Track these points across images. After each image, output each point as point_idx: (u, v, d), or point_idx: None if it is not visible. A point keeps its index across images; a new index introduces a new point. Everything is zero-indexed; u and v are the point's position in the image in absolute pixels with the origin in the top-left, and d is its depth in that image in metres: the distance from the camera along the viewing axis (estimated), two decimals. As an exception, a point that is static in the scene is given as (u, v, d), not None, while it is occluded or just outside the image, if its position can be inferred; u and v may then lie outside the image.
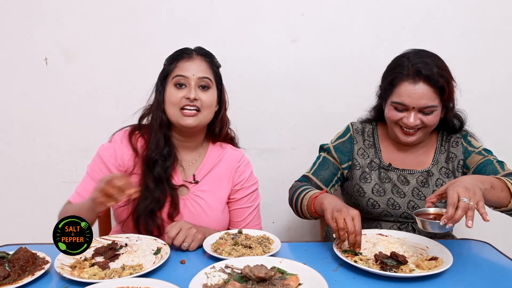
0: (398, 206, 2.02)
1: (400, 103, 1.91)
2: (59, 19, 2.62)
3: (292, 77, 2.71)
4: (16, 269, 1.46)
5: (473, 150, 2.04)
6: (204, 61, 1.98)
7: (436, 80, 1.85)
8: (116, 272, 1.49)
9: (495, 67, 2.68)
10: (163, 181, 1.94)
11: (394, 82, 1.94)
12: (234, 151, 2.16)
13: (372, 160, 2.12)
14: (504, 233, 2.83)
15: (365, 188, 2.06)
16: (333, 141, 2.19)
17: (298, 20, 2.65)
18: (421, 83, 1.87)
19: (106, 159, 1.97)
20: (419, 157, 2.11)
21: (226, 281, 1.40)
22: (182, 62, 1.95)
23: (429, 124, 1.93)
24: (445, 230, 1.54)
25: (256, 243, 1.73)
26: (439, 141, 2.12)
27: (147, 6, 2.62)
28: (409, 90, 1.88)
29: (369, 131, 2.19)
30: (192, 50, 2.00)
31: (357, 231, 1.61)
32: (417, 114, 1.91)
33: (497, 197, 1.67)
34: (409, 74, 1.89)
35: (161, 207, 1.94)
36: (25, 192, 2.79)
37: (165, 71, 1.99)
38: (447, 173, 2.05)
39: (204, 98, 1.92)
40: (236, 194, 2.12)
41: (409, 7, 2.63)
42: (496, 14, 2.63)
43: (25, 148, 2.76)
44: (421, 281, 1.48)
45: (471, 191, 1.50)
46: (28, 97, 2.70)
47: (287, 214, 2.88)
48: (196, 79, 1.92)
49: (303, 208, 1.97)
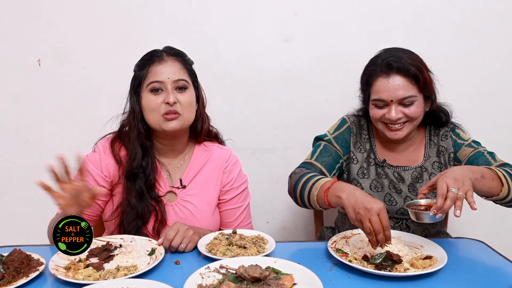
0: (395, 202, 2.03)
1: (379, 99, 1.93)
2: (52, 21, 2.62)
3: (285, 77, 2.71)
4: (10, 271, 1.46)
5: (463, 143, 2.05)
6: (177, 61, 1.92)
7: (407, 69, 1.88)
8: (110, 273, 1.48)
9: (488, 65, 2.70)
10: (145, 194, 1.92)
11: (370, 80, 1.98)
12: (220, 150, 2.12)
13: (369, 155, 2.12)
14: (498, 232, 2.84)
15: (363, 184, 2.06)
16: (331, 133, 2.15)
17: (291, 19, 2.65)
18: (394, 75, 1.90)
19: (92, 170, 1.94)
20: (411, 154, 2.12)
21: (220, 281, 1.40)
22: (153, 66, 1.89)
23: (412, 116, 1.93)
24: (435, 220, 1.59)
25: (250, 243, 1.72)
26: (427, 135, 2.13)
27: (140, 7, 2.61)
28: (384, 85, 1.91)
29: (364, 124, 2.18)
30: (161, 52, 1.94)
31: (385, 226, 1.55)
32: (397, 107, 1.92)
33: (488, 186, 1.69)
34: (381, 69, 1.92)
35: (145, 222, 1.92)
36: (18, 193, 2.78)
37: (137, 78, 1.93)
38: (440, 167, 2.07)
39: (183, 100, 1.88)
40: (226, 195, 2.09)
41: (401, 6, 2.64)
42: (488, 12, 2.65)
43: (18, 149, 2.75)
44: (415, 280, 1.48)
45: (460, 181, 1.55)
46: (21, 98, 2.70)
47: (282, 214, 2.89)
48: (172, 82, 1.87)
49: (311, 198, 1.82)
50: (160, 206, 1.94)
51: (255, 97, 2.73)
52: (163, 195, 1.98)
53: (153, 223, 1.93)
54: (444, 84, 2.53)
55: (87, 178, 1.87)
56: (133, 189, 1.91)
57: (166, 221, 1.95)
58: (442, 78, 2.44)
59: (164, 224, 1.94)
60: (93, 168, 1.94)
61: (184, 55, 1.98)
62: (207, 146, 2.10)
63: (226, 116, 2.60)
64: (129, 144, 1.93)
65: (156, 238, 1.84)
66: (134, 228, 1.90)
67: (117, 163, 1.95)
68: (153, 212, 1.93)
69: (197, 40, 2.64)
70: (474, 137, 2.10)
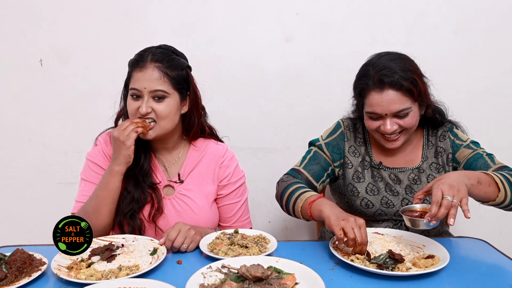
0: (392, 204, 2.02)
1: (373, 112, 1.91)
2: (54, 21, 2.62)
3: (287, 77, 2.71)
4: (13, 271, 1.46)
5: (461, 144, 2.03)
6: (157, 70, 1.86)
7: (400, 85, 1.83)
8: (112, 273, 1.49)
9: (489, 64, 2.70)
10: (141, 182, 1.94)
11: (362, 93, 1.94)
12: (216, 145, 2.13)
13: (364, 159, 2.11)
14: (501, 231, 2.84)
15: (359, 188, 2.05)
16: (324, 138, 2.15)
17: (292, 19, 2.65)
18: (387, 90, 1.85)
19: (97, 160, 1.98)
20: (408, 155, 2.10)
21: (222, 281, 1.40)
22: (136, 72, 1.88)
23: (408, 126, 1.91)
24: (430, 226, 1.59)
25: (252, 243, 1.72)
26: (425, 136, 2.11)
27: (141, 7, 2.62)
28: (377, 99, 1.87)
29: (359, 127, 2.16)
30: (146, 57, 1.88)
31: (364, 241, 1.59)
32: (392, 119, 1.89)
33: (484, 192, 1.68)
34: (374, 83, 1.88)
35: (141, 207, 1.94)
36: (20, 193, 2.79)
37: (127, 78, 1.95)
38: (438, 168, 2.05)
39: (159, 109, 1.86)
40: (223, 190, 2.10)
41: (403, 6, 2.64)
42: (489, 11, 2.65)
43: (21, 150, 2.76)
44: (417, 279, 1.48)
45: (455, 188, 1.54)
46: (23, 98, 2.70)
47: (283, 214, 2.86)
48: (148, 92, 1.85)
49: (296, 209, 1.88)
50: (157, 194, 1.97)
51: (256, 97, 2.73)
52: (161, 188, 2.00)
53: (149, 209, 1.95)
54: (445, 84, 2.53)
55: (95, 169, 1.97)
56: (129, 176, 1.93)
57: (162, 210, 1.96)
58: (443, 78, 2.45)
59: (160, 212, 1.96)
60: (98, 158, 1.99)
61: (171, 60, 1.92)
62: (203, 142, 2.12)
63: (227, 116, 2.60)
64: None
65: (151, 226, 1.88)
66: (130, 212, 1.91)
67: None
68: (149, 199, 1.95)
69: (198, 40, 2.64)
70: (476, 136, 2.10)
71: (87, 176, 1.99)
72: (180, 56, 1.99)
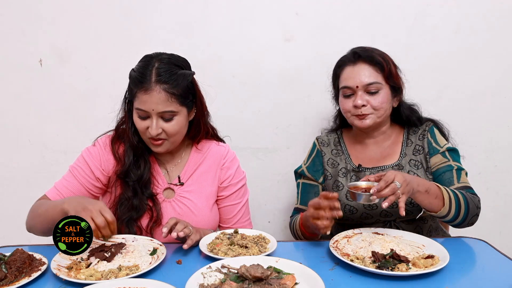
0: (375, 205, 2.02)
1: (345, 86, 2.05)
2: (54, 21, 2.62)
3: (286, 76, 2.71)
4: (13, 271, 1.46)
5: (438, 149, 2.05)
6: (163, 92, 1.80)
7: (372, 57, 2.01)
8: (112, 273, 1.49)
9: (489, 65, 2.69)
10: (139, 192, 1.94)
11: (338, 71, 2.13)
12: (218, 146, 2.14)
13: (342, 167, 2.16)
14: (501, 231, 2.84)
15: (339, 196, 2.05)
16: (305, 163, 2.26)
17: (292, 19, 2.65)
18: (360, 63, 2.03)
19: (90, 162, 1.97)
20: (386, 150, 2.14)
21: (222, 281, 1.40)
22: (140, 94, 1.81)
23: (377, 106, 2.01)
24: (368, 202, 1.71)
25: (252, 243, 1.73)
26: (405, 134, 2.16)
27: (141, 7, 2.61)
28: (350, 72, 2.05)
29: (335, 140, 2.26)
30: (149, 77, 1.80)
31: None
32: (363, 94, 2.02)
33: (428, 202, 1.79)
34: (349, 59, 2.07)
35: (139, 216, 1.94)
36: (20, 193, 2.78)
37: (130, 93, 1.92)
38: (417, 165, 2.07)
39: (168, 128, 1.86)
40: (224, 191, 2.11)
41: (403, 6, 2.64)
42: (489, 12, 2.64)
43: (20, 150, 2.76)
44: (417, 279, 1.48)
45: (406, 183, 1.67)
46: (23, 98, 2.70)
47: (283, 214, 2.88)
48: (156, 114, 1.83)
49: (298, 234, 2.07)
50: (156, 205, 1.97)
51: (256, 96, 2.73)
52: (161, 192, 2.00)
53: (147, 220, 1.95)
54: (445, 84, 2.54)
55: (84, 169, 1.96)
56: (128, 186, 1.94)
57: (161, 220, 1.96)
58: (443, 78, 2.45)
59: (158, 224, 1.96)
60: (92, 159, 1.98)
61: (175, 79, 1.83)
62: (205, 144, 2.12)
63: (227, 116, 2.60)
64: (124, 144, 1.99)
65: (148, 236, 1.88)
66: (127, 218, 1.91)
67: (116, 161, 1.98)
68: (147, 209, 1.95)
69: (198, 40, 2.64)
70: (476, 136, 2.10)
71: (74, 170, 1.98)
72: (183, 66, 1.92)
